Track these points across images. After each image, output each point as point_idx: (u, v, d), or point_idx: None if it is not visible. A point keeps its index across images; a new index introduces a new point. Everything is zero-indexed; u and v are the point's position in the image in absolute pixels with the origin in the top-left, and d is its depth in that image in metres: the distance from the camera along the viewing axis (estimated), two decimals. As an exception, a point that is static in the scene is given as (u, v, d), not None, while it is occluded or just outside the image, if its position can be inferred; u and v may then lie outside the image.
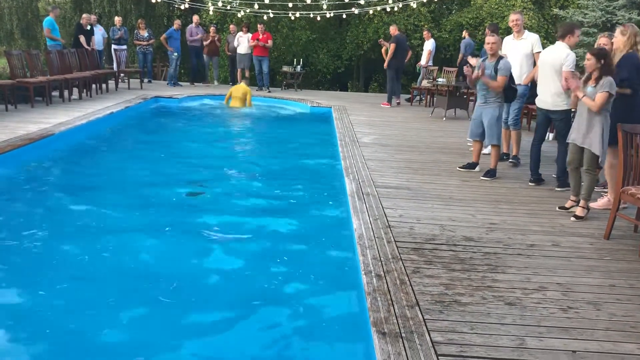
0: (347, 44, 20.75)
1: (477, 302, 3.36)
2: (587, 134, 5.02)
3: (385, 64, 13.23)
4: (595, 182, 5.20)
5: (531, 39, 7.16)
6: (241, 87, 13.26)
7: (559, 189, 6.09)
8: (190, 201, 6.04)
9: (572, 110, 5.84)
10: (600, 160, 5.01)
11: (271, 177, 7.09)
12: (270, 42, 14.77)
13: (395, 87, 13.72)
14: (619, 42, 5.44)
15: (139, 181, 6.53)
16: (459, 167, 6.95)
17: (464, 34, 13.68)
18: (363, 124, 10.22)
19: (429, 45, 14.05)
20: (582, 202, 5.16)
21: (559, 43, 6.09)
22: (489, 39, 6.45)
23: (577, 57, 6.30)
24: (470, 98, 11.11)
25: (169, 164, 7.52)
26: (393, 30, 13.55)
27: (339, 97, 15.35)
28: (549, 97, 6.09)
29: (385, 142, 8.59)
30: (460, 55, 13.39)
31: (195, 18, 15.78)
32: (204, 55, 16.08)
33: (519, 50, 7.17)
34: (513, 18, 7.34)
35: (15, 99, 9.78)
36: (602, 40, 5.69)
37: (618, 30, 5.48)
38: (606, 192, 5.85)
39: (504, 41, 7.41)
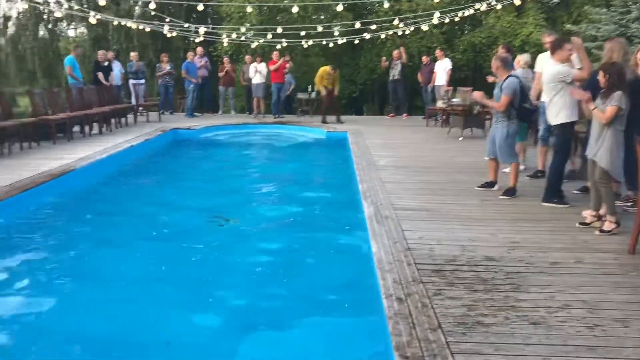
0: (360, 69, 20.92)
1: (501, 322, 3.31)
2: (596, 147, 5.04)
3: None
4: (613, 195, 5.12)
5: None
6: (335, 75, 14.16)
7: (545, 203, 6.00)
8: (213, 231, 6.08)
9: (569, 122, 5.88)
10: (614, 173, 4.96)
11: (290, 204, 7.14)
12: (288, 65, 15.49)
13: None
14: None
15: (160, 213, 6.60)
16: (477, 187, 6.90)
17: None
18: (379, 147, 10.23)
19: (442, 65, 14.16)
20: (609, 217, 5.08)
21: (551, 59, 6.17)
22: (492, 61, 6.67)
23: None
24: (486, 117, 11.06)
25: (189, 195, 7.59)
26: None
27: (355, 121, 15.42)
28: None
29: (402, 163, 8.59)
30: None
31: (198, 49, 16.15)
32: (220, 87, 16.32)
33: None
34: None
35: (38, 137, 10.00)
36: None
37: None
38: (628, 206, 5.76)
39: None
